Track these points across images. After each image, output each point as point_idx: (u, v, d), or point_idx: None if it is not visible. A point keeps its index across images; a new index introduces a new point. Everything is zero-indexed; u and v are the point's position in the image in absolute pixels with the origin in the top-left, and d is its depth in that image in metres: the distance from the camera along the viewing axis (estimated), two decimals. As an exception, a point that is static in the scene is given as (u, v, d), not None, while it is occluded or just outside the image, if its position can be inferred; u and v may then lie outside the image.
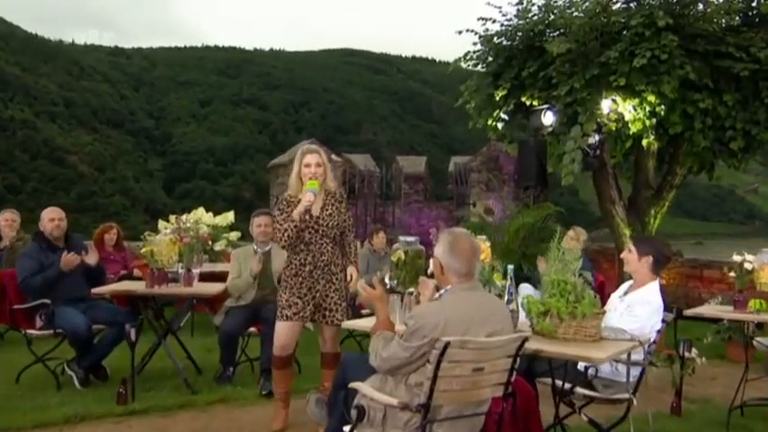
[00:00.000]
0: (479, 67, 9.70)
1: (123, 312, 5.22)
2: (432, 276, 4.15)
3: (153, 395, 4.88)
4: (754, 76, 7.87)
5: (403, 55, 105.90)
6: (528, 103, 8.91)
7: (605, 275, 8.68)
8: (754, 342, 4.72)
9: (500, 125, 9.50)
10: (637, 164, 9.24)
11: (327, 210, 4.20)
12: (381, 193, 11.92)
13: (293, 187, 4.24)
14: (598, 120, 8.27)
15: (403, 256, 3.43)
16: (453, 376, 2.58)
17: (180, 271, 5.04)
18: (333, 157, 10.90)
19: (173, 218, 6.99)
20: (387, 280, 3.49)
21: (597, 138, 8.67)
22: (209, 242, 7.51)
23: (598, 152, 8.82)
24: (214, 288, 5.16)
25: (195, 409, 4.71)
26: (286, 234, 4.12)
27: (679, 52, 7.80)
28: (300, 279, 4.15)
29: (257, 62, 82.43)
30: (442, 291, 2.83)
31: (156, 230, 6.59)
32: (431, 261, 4.63)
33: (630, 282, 3.79)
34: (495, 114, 9.42)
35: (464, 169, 10.96)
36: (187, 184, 58.84)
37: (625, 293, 3.75)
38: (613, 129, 8.23)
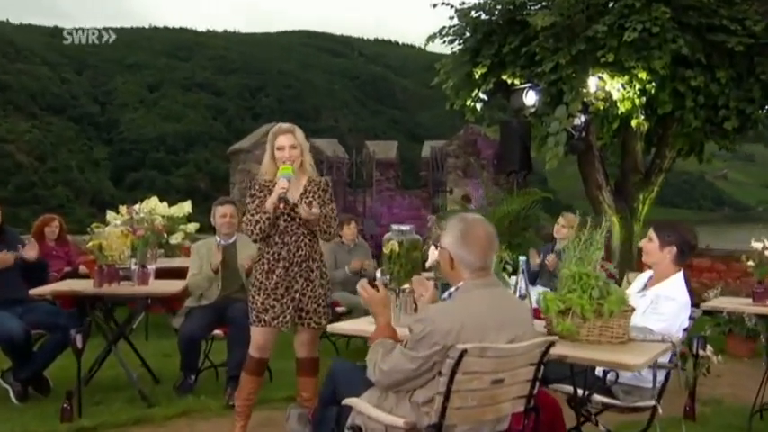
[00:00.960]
0: (456, 44, 9.40)
1: (67, 315, 4.77)
2: (427, 270, 3.82)
3: (103, 409, 4.46)
4: (749, 51, 7.71)
5: (365, 37, 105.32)
6: (510, 81, 8.63)
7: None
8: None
9: (479, 106, 9.22)
10: (624, 146, 9.06)
11: (308, 197, 3.82)
12: (351, 181, 11.54)
13: (268, 171, 3.86)
14: (585, 99, 8.04)
15: (397, 248, 3.07)
16: (469, 390, 2.25)
17: (133, 267, 4.60)
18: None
19: (123, 208, 6.52)
20: (378, 275, 3.14)
21: (583, 119, 8.45)
22: (165, 235, 7.07)
23: (583, 134, 8.60)
24: (172, 286, 4.75)
25: (152, 425, 4.31)
26: (258, 227, 3.75)
27: (671, 25, 7.60)
28: (275, 278, 3.78)
29: (210, 44, 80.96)
30: (451, 289, 2.48)
31: (104, 222, 6.12)
32: (430, 253, 4.31)
33: (649, 273, 3.50)
34: (473, 94, 9.12)
35: (440, 154, 10.63)
36: (136, 174, 57.47)
37: (645, 287, 3.45)
38: (601, 108, 8.00)
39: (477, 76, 8.76)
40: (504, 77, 8.66)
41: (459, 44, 9.37)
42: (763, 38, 7.63)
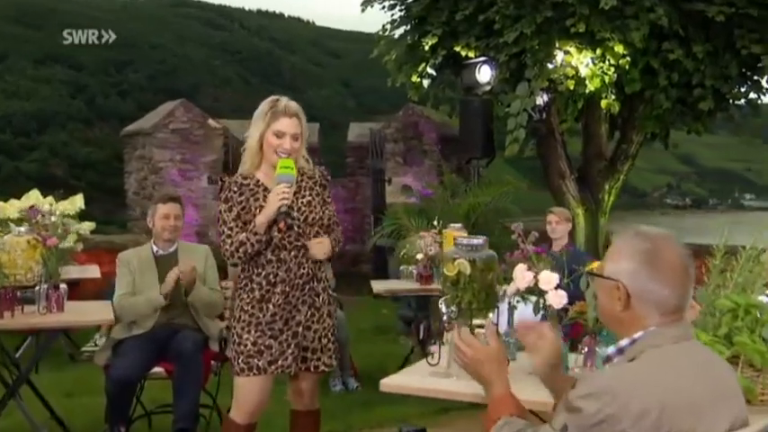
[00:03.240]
0: (397, 9, 8.89)
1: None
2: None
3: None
4: (729, 23, 7.58)
5: (246, 8, 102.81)
6: (464, 54, 8.18)
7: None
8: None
9: (426, 82, 8.74)
10: (587, 130, 8.82)
11: (304, 196, 3.16)
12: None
13: (250, 163, 3.18)
14: (552, 75, 7.70)
15: (468, 269, 2.47)
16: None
17: (42, 288, 3.78)
18: (210, 122, 9.64)
19: (12, 206, 5.51)
20: (441, 307, 2.54)
21: (545, 98, 8.13)
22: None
23: (544, 115, 8.30)
24: (99, 313, 3.95)
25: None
26: (243, 249, 3.06)
27: (648, -9, 7.38)
28: (271, 308, 3.08)
29: (66, 11, 76.59)
30: (623, 341, 1.85)
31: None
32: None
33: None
34: (420, 69, 8.63)
35: (378, 138, 10.05)
36: (-25, 161, 53.48)
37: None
38: (571, 87, 7.68)
39: (426, 48, 8.25)
40: (457, 49, 8.19)
41: (401, 10, 8.87)
42: (743, 7, 7.51)
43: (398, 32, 8.85)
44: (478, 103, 7.74)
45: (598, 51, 7.60)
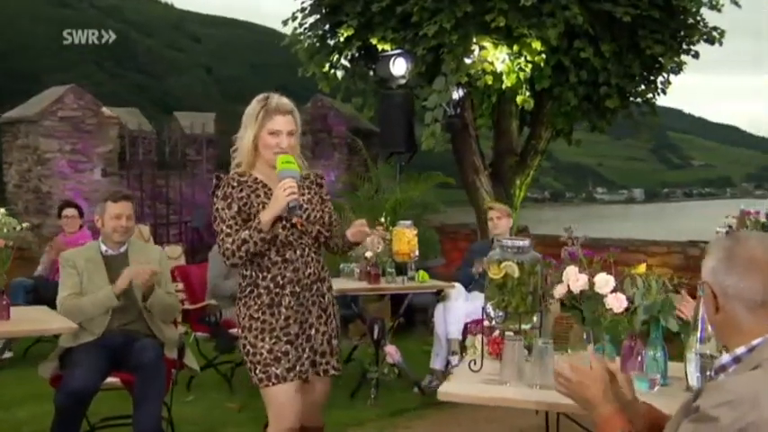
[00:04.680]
0: (309, -3, 8.76)
1: None
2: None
3: None
4: (633, 23, 7.99)
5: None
6: (381, 47, 8.19)
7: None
8: None
9: (340, 74, 8.67)
10: (498, 125, 9.04)
11: (304, 194, 3.09)
12: (158, 162, 10.35)
13: (245, 161, 3.08)
14: (470, 70, 7.85)
15: (516, 272, 2.47)
16: None
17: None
18: (105, 110, 9.11)
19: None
20: (490, 310, 2.53)
21: (460, 93, 8.28)
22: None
23: (459, 110, 8.45)
24: (52, 321, 3.66)
25: None
26: (245, 248, 2.94)
27: (563, -10, 7.65)
28: (284, 311, 3.00)
29: None
30: (739, 349, 1.79)
31: None
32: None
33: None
34: (333, 59, 8.55)
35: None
36: None
37: None
38: (489, 82, 7.86)
39: (341, 39, 8.18)
40: (373, 41, 8.18)
41: (313, -2, 8.75)
42: (646, 9, 7.94)
43: (310, 21, 8.72)
44: (400, 96, 7.76)
45: (515, 47, 7.81)
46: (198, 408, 4.97)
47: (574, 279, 2.46)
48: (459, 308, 5.35)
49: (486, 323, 2.72)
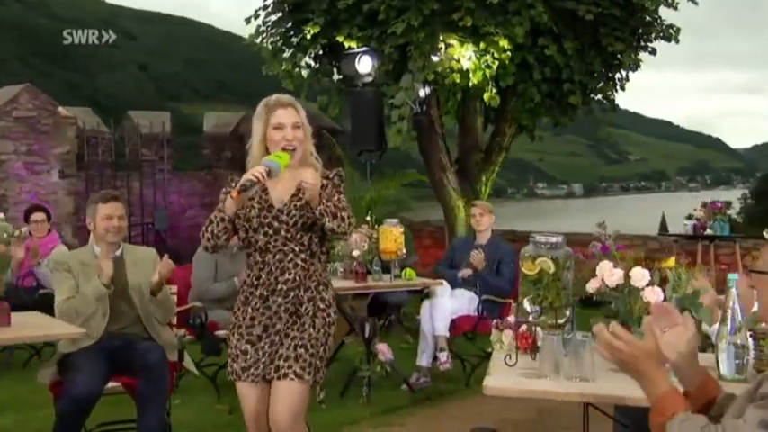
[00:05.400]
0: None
1: None
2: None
3: None
4: (595, 21, 8.22)
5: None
6: (347, 45, 8.24)
7: (434, 258, 8.45)
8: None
9: (305, 72, 8.71)
10: (463, 123, 9.19)
11: (300, 199, 3.02)
12: (113, 162, 10.20)
13: (255, 161, 3.05)
14: (437, 68, 7.97)
15: (551, 268, 2.57)
16: None
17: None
18: (61, 110, 8.94)
19: None
20: (526, 305, 2.62)
21: (427, 90, 8.40)
22: None
23: (425, 108, 8.57)
24: (54, 327, 3.63)
25: None
26: (208, 228, 3.02)
27: (527, -11, 7.83)
28: (250, 310, 3.05)
29: None
30: None
31: None
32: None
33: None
34: (297, 58, 8.58)
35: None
36: None
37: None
38: (457, 80, 8.00)
39: (308, 37, 8.21)
40: (339, 39, 8.24)
41: (276, -6, 8.76)
42: (607, 7, 8.19)
43: (273, 19, 8.72)
44: (371, 94, 7.83)
45: (482, 45, 7.96)
46: (188, 411, 4.95)
47: (609, 273, 2.55)
48: (446, 305, 5.45)
49: (511, 318, 2.83)
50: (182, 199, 10.59)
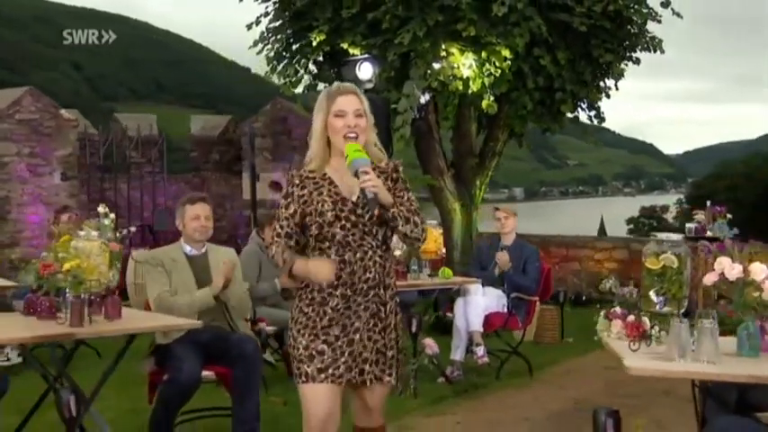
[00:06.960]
0: (272, 2, 9.06)
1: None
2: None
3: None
4: (586, 33, 8.76)
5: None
6: (351, 52, 8.58)
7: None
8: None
9: (307, 78, 9.04)
10: (458, 128, 9.62)
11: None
12: (102, 164, 10.33)
13: (320, 157, 3.01)
14: (439, 76, 8.38)
15: (675, 262, 2.99)
16: None
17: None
18: (63, 113, 9.05)
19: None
20: (652, 296, 3.03)
21: (426, 97, 8.81)
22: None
23: (423, 114, 8.98)
24: (165, 318, 3.95)
25: None
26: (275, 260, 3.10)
27: (528, 1, 8.30)
28: (329, 311, 2.96)
29: None
30: None
31: None
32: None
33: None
34: (302, 64, 8.90)
35: (250, 132, 10.07)
36: None
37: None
38: (459, 87, 8.42)
39: (314, 44, 8.53)
40: (343, 46, 8.57)
41: (275, 3, 9.05)
42: (598, 19, 8.74)
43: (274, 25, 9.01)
44: (379, 101, 8.15)
45: (483, 54, 8.40)
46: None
47: (729, 268, 2.88)
48: (479, 302, 5.87)
49: (617, 309, 3.24)
50: (169, 201, 10.77)
